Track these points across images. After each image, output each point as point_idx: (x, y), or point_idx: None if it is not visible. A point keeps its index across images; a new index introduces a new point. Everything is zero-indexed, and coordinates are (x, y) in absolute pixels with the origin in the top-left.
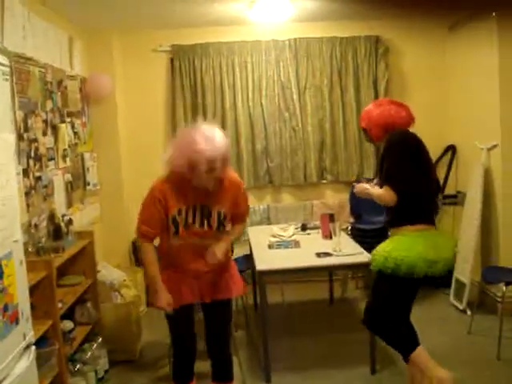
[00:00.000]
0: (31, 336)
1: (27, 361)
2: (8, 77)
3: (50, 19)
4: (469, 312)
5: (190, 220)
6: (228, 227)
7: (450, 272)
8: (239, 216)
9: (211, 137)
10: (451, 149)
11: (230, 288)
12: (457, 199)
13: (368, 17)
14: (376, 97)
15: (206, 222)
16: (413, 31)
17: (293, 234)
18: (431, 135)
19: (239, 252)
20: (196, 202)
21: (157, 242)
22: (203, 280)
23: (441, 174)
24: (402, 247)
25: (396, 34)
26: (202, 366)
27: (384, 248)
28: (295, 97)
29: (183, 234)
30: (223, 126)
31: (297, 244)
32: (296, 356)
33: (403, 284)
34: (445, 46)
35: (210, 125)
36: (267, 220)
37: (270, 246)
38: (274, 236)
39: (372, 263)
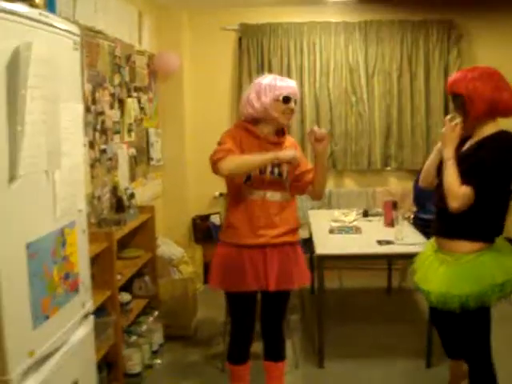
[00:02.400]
0: (90, 305)
1: (85, 329)
2: (78, 47)
3: None
4: None
5: (263, 167)
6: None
7: None
8: (303, 177)
9: (287, 79)
10: None
11: (295, 277)
12: None
13: (442, 0)
14: (446, 84)
15: (276, 170)
16: (488, 17)
17: (354, 220)
18: (503, 126)
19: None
20: (267, 151)
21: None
22: (270, 256)
23: None
24: (462, 279)
25: (471, 18)
26: (256, 346)
27: (439, 286)
28: (363, 81)
29: (257, 181)
30: None
31: (358, 230)
32: (350, 343)
33: (478, 315)
34: None
35: None
36: (328, 204)
37: (331, 231)
38: (335, 221)
39: (431, 301)
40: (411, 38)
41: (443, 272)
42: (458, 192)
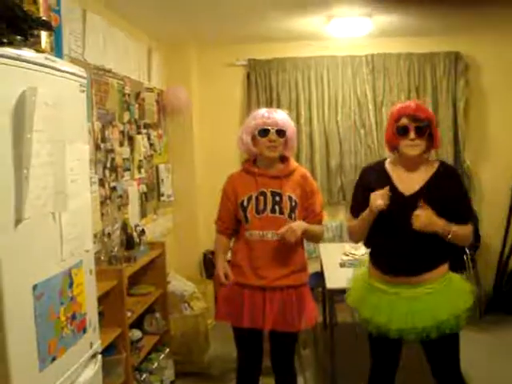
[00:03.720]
0: (98, 345)
1: (93, 369)
2: (85, 88)
3: (130, 32)
4: None
5: (262, 206)
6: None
7: None
8: (312, 212)
9: (272, 110)
10: None
11: (296, 320)
12: None
13: (447, 32)
14: (455, 115)
15: (277, 207)
16: (494, 46)
17: (365, 253)
18: (511, 155)
19: (310, 269)
20: (266, 188)
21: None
22: (269, 298)
23: None
24: (453, 299)
25: (477, 49)
26: (267, 381)
27: (451, 309)
28: (371, 113)
29: (255, 222)
30: (298, 142)
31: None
32: (364, 378)
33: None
34: None
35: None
36: (340, 237)
37: (342, 265)
38: (346, 254)
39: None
40: (418, 69)
41: (430, 302)
42: (470, 234)
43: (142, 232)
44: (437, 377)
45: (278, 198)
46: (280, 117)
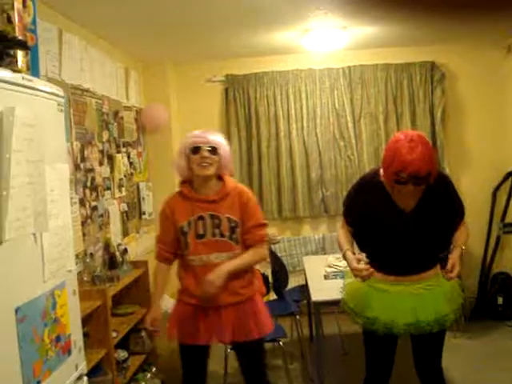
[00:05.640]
0: (84, 366)
1: None
2: (63, 108)
3: (107, 51)
4: None
5: (201, 230)
6: (240, 242)
7: None
8: (250, 233)
9: (205, 131)
10: (511, 175)
11: (252, 328)
12: None
13: (422, 42)
14: (433, 124)
15: (217, 230)
16: (469, 55)
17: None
18: (490, 162)
19: (294, 282)
20: (204, 212)
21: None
22: (225, 315)
23: (501, 201)
24: (451, 296)
25: (452, 58)
26: None
27: (454, 304)
28: (350, 125)
29: (196, 247)
30: (278, 155)
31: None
32: None
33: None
34: (503, 68)
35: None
36: (322, 250)
37: (326, 277)
38: (329, 266)
39: (444, 324)
40: (395, 79)
41: (431, 298)
42: (468, 229)
43: (125, 251)
44: (419, 369)
45: (217, 221)
46: (212, 136)
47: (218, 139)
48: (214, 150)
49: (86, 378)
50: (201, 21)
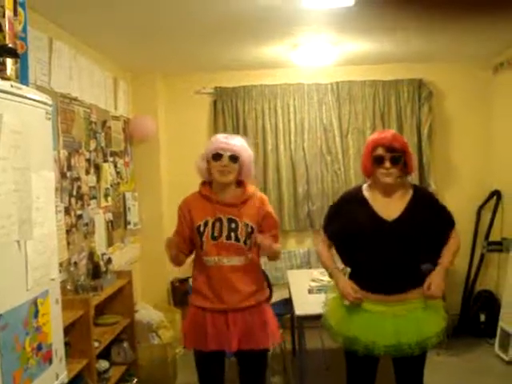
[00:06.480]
0: (64, 376)
1: None
2: (50, 116)
3: (96, 60)
4: None
5: (217, 232)
6: (253, 247)
7: (494, 320)
8: (269, 233)
9: (229, 136)
10: (496, 194)
11: (261, 337)
12: (502, 246)
13: (410, 60)
14: (419, 140)
15: (233, 234)
16: (456, 74)
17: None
18: (475, 180)
19: (278, 296)
20: (222, 215)
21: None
22: (232, 320)
23: (485, 219)
24: (433, 318)
25: (439, 76)
26: None
27: (437, 327)
28: (337, 140)
29: (210, 248)
30: (265, 169)
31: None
32: None
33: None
34: (489, 88)
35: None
36: (307, 264)
37: (310, 291)
38: (314, 280)
39: (426, 347)
40: (383, 96)
41: (414, 320)
42: (459, 240)
43: (109, 261)
44: None
45: (233, 225)
46: (235, 142)
47: (241, 146)
48: (234, 158)
49: None
50: (191, 32)
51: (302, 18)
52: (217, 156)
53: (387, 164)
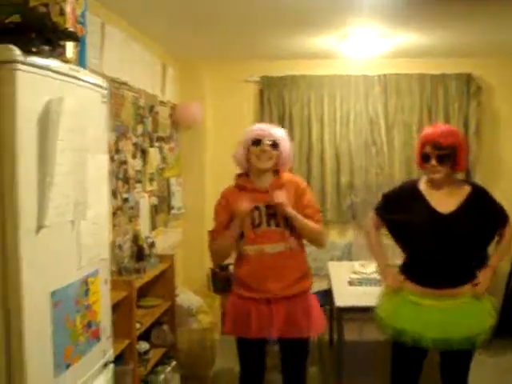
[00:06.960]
0: (111, 354)
1: (105, 378)
2: (106, 99)
3: (146, 46)
4: None
5: (257, 220)
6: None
7: None
8: (307, 214)
9: (269, 125)
10: None
11: (303, 326)
12: None
13: (459, 54)
14: (466, 136)
15: (273, 221)
16: (506, 69)
17: (374, 272)
18: None
19: (317, 287)
20: (260, 202)
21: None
22: (275, 309)
23: None
24: (484, 314)
25: (488, 72)
26: None
27: (485, 324)
28: (383, 132)
29: (251, 237)
30: (309, 159)
31: (378, 282)
32: None
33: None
34: None
35: None
36: (348, 255)
37: (351, 283)
38: (355, 272)
39: (475, 343)
40: (430, 90)
41: (463, 315)
42: None
43: (152, 244)
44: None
45: (272, 211)
46: (275, 131)
47: (281, 134)
48: (275, 145)
49: (112, 366)
50: (240, 20)
51: (353, 8)
52: (257, 141)
53: (433, 162)
